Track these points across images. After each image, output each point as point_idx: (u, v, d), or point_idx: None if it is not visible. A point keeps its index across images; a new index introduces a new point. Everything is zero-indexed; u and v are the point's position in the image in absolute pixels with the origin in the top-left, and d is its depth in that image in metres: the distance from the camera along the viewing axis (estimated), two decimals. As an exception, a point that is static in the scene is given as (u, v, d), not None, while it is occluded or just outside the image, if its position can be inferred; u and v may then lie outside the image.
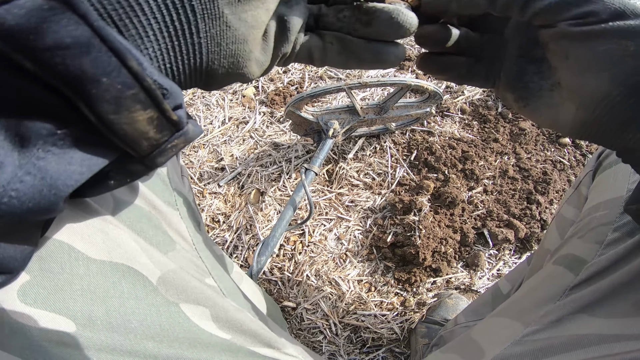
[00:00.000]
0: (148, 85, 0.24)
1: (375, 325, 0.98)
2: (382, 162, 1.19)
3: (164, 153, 0.28)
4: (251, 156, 1.22)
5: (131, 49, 0.23)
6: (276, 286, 1.04)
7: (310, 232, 1.10)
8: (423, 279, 1.03)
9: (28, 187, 0.23)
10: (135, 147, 0.26)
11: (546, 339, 0.45)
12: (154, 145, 0.27)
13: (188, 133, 0.29)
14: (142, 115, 0.25)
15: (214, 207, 1.15)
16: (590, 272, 0.46)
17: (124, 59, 0.23)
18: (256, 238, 1.09)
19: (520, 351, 0.46)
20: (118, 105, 0.24)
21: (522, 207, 1.10)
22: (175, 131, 0.28)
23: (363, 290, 1.03)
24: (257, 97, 1.36)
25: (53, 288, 0.33)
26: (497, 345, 0.49)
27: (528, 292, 0.53)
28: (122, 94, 0.23)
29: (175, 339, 0.39)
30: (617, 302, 0.42)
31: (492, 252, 1.08)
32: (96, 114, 0.23)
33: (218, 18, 0.28)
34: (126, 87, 0.23)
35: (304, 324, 1.00)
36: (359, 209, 1.13)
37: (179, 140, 0.28)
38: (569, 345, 0.42)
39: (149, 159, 0.28)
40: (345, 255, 1.07)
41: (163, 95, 0.25)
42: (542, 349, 0.44)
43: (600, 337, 0.41)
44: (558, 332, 0.45)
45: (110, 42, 0.22)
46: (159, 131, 0.27)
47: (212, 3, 0.27)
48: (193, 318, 0.41)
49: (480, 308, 0.79)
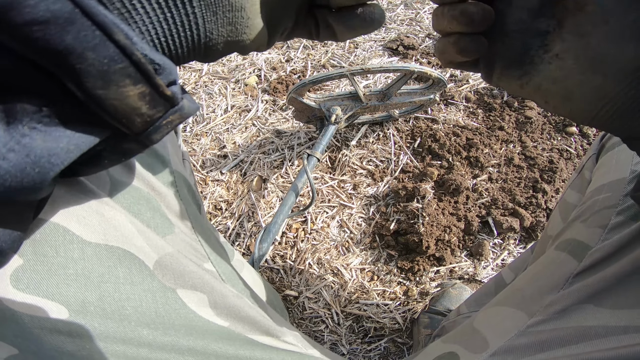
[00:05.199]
0: (137, 59, 0.23)
1: (377, 314, 0.98)
2: (386, 149, 1.18)
3: (159, 130, 0.27)
4: (253, 144, 1.21)
5: (118, 23, 0.22)
6: (278, 274, 1.04)
7: (312, 219, 1.09)
8: (426, 268, 1.02)
9: (11, 165, 0.22)
10: (128, 124, 0.25)
11: (551, 330, 0.44)
12: (147, 122, 0.26)
13: (184, 109, 0.28)
14: (133, 90, 0.24)
15: (216, 194, 1.14)
16: (594, 259, 0.44)
17: (110, 32, 0.22)
18: (258, 225, 1.09)
19: (525, 342, 0.45)
20: (105, 80, 0.23)
21: (528, 195, 1.08)
22: (170, 107, 0.27)
23: (365, 279, 1.02)
24: (259, 86, 1.35)
25: (47, 273, 0.32)
26: (500, 336, 0.48)
27: (530, 279, 0.51)
28: (109, 68, 0.23)
29: (171, 326, 0.38)
30: (624, 292, 0.40)
31: (496, 242, 1.07)
32: (83, 89, 0.23)
33: None
34: (113, 61, 0.22)
35: (306, 313, 0.99)
36: (362, 196, 1.12)
37: (174, 116, 0.28)
38: (575, 337, 0.41)
39: (143, 136, 0.27)
40: (348, 243, 1.06)
41: (155, 70, 0.24)
42: (547, 341, 0.43)
43: (607, 329, 0.40)
44: (563, 323, 0.43)
45: (93, 15, 0.21)
46: (153, 107, 0.26)
47: None
48: (190, 304, 0.40)
49: (483, 298, 0.77)
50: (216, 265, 0.48)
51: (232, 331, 0.43)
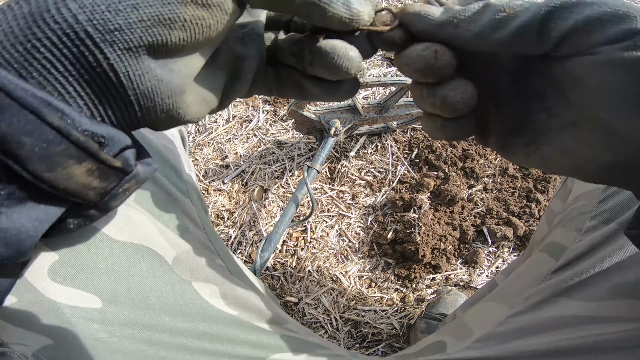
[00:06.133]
0: (76, 139, 0.22)
1: (375, 320, 1.00)
2: (384, 160, 1.21)
3: (116, 197, 0.27)
4: (255, 154, 1.24)
5: (51, 101, 0.21)
6: (279, 281, 1.06)
7: (312, 228, 1.12)
8: (423, 275, 1.04)
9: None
10: (82, 198, 0.25)
11: (528, 320, 0.48)
12: (102, 193, 0.26)
13: (139, 175, 0.27)
14: (79, 169, 0.23)
15: (218, 203, 1.17)
16: (569, 257, 0.49)
17: (42, 115, 0.21)
18: (259, 234, 1.11)
19: (504, 330, 0.49)
20: (49, 163, 0.22)
21: (522, 205, 1.12)
22: (124, 176, 0.26)
23: (364, 286, 1.05)
24: (260, 96, 1.38)
25: (80, 267, 0.36)
26: (484, 326, 0.52)
27: (515, 277, 0.56)
28: (49, 152, 0.22)
29: (188, 313, 0.41)
30: (594, 286, 0.44)
31: (491, 250, 1.10)
32: (30, 173, 0.22)
33: (145, 74, 0.24)
34: (52, 144, 0.22)
35: (306, 318, 1.01)
36: (360, 206, 1.15)
37: (129, 184, 0.27)
38: (548, 326, 0.45)
39: (101, 205, 0.27)
40: (347, 251, 1.09)
41: (100, 143, 0.24)
42: (523, 329, 0.48)
43: (577, 319, 0.44)
44: (539, 314, 0.48)
45: (21, 99, 0.21)
46: (104, 180, 0.25)
47: (135, 59, 0.23)
48: (204, 295, 0.44)
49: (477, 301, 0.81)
50: (225, 261, 0.52)
51: (241, 319, 0.47)
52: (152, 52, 0.24)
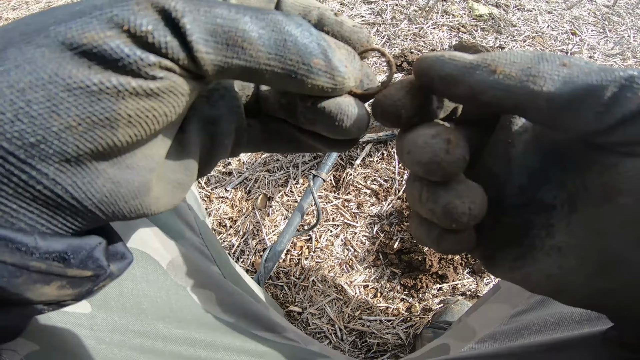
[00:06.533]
0: (37, 268, 0.20)
1: (380, 330, 0.98)
2: (390, 168, 1.20)
3: (93, 293, 0.25)
4: (258, 161, 1.23)
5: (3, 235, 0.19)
6: (282, 291, 1.04)
7: (317, 237, 1.10)
8: (429, 285, 1.02)
9: None
10: (60, 303, 0.23)
11: (532, 317, 0.48)
12: (77, 296, 0.24)
13: (113, 274, 0.25)
14: (48, 289, 0.21)
15: (220, 211, 1.16)
16: None
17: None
18: (263, 243, 1.10)
19: (507, 329, 0.49)
20: (18, 292, 0.20)
21: (529, 214, 1.10)
22: (96, 278, 0.24)
23: (369, 296, 1.03)
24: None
25: None
26: (487, 326, 0.52)
27: None
28: (12, 284, 0.20)
29: (183, 320, 0.40)
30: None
31: (498, 259, 1.07)
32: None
33: (96, 180, 0.21)
34: (13, 276, 0.19)
35: (310, 328, 0.99)
36: (366, 215, 1.13)
37: (104, 282, 0.24)
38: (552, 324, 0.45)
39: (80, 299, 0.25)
40: (352, 260, 1.07)
41: (64, 259, 0.21)
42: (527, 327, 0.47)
43: (582, 315, 0.43)
44: (543, 311, 0.47)
45: None
46: (77, 286, 0.23)
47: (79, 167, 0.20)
48: (200, 301, 0.42)
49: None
50: (221, 267, 0.51)
51: (237, 326, 0.46)
52: (99, 155, 0.20)
